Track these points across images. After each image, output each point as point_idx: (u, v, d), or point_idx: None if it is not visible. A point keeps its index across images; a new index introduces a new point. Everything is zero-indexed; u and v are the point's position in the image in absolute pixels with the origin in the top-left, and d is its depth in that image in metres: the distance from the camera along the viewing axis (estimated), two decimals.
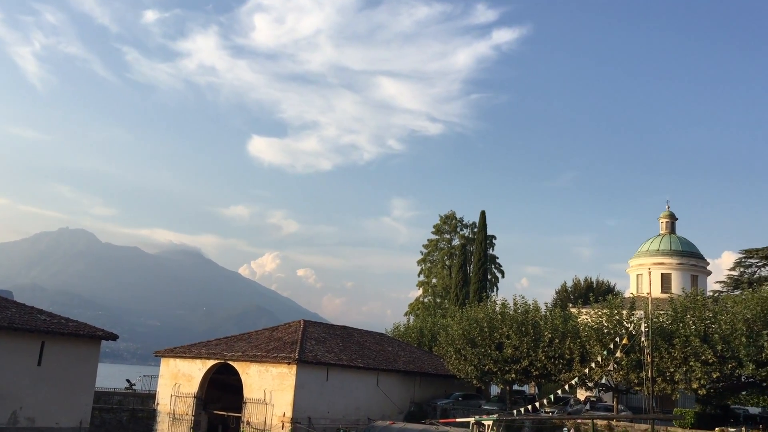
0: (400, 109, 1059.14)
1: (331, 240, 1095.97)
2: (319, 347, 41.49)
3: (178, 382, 42.89)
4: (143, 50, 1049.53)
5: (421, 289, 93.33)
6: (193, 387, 42.09)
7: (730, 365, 34.89)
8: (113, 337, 31.12)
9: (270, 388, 38.43)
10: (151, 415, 43.47)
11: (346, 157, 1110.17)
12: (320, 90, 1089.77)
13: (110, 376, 74.38)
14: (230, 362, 40.98)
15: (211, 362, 41.99)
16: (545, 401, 38.62)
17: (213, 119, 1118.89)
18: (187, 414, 41.61)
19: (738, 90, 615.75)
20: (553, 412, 40.55)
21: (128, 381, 54.44)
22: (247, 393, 39.38)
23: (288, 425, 37.11)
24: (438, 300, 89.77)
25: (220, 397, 43.11)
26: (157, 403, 43.62)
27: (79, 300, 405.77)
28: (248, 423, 38.57)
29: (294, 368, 37.82)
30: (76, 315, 40.45)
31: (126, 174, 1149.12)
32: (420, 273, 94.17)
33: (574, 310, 53.08)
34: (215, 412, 42.06)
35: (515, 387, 48.96)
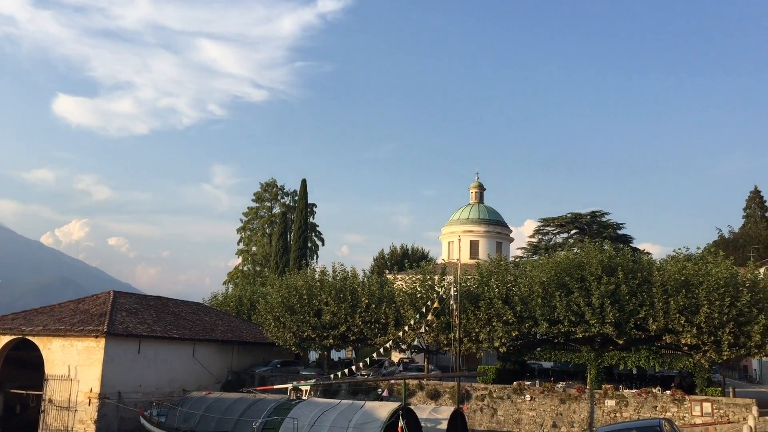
0: (222, 73, 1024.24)
1: (146, 207, 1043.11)
2: (130, 319, 39.65)
3: None
4: None
5: (240, 257, 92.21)
6: None
7: (527, 324, 37.97)
8: None
9: (75, 363, 36.23)
10: None
11: (164, 121, 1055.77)
12: (135, 49, 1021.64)
13: None
14: (29, 337, 38.02)
15: (6, 338, 38.71)
16: (361, 364, 39.89)
17: (12, 75, 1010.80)
18: None
19: (537, 66, 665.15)
20: (368, 375, 41.95)
21: None
22: (49, 369, 36.82)
23: (95, 401, 35.29)
24: (258, 268, 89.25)
25: (18, 375, 39.92)
26: None
27: None
28: (50, 401, 36.18)
29: (102, 341, 35.92)
30: None
31: None
32: (240, 241, 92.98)
33: (390, 277, 55.04)
34: (12, 391, 38.94)
35: (334, 352, 50.03)
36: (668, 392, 33.87)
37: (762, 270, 50.03)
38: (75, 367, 36.19)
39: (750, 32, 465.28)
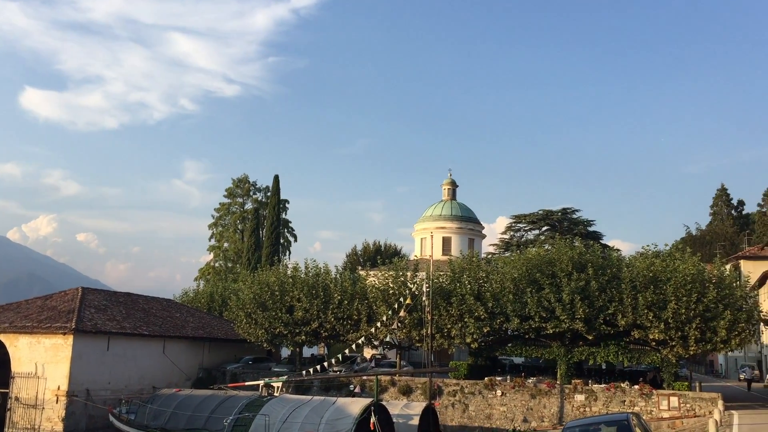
0: (194, 67, 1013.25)
1: (116, 203, 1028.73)
2: (99, 315, 39.15)
3: None
4: None
5: (212, 253, 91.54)
6: None
7: (499, 320, 38.23)
8: None
9: (43, 360, 35.69)
10: None
11: (134, 116, 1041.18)
12: (106, 42, 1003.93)
13: None
14: None
15: None
16: (333, 361, 39.86)
17: None
18: None
19: (510, 64, 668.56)
20: (340, 371, 41.93)
21: None
22: (16, 367, 36.23)
23: (63, 399, 34.81)
24: (229, 264, 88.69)
25: None
26: None
27: None
28: (17, 399, 35.61)
29: (70, 338, 35.43)
30: None
31: None
32: (211, 237, 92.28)
33: (362, 273, 55.00)
34: None
35: (306, 349, 49.88)
36: (636, 387, 34.41)
37: (728, 267, 51.12)
38: (42, 364, 35.65)
39: (718, 34, 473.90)
